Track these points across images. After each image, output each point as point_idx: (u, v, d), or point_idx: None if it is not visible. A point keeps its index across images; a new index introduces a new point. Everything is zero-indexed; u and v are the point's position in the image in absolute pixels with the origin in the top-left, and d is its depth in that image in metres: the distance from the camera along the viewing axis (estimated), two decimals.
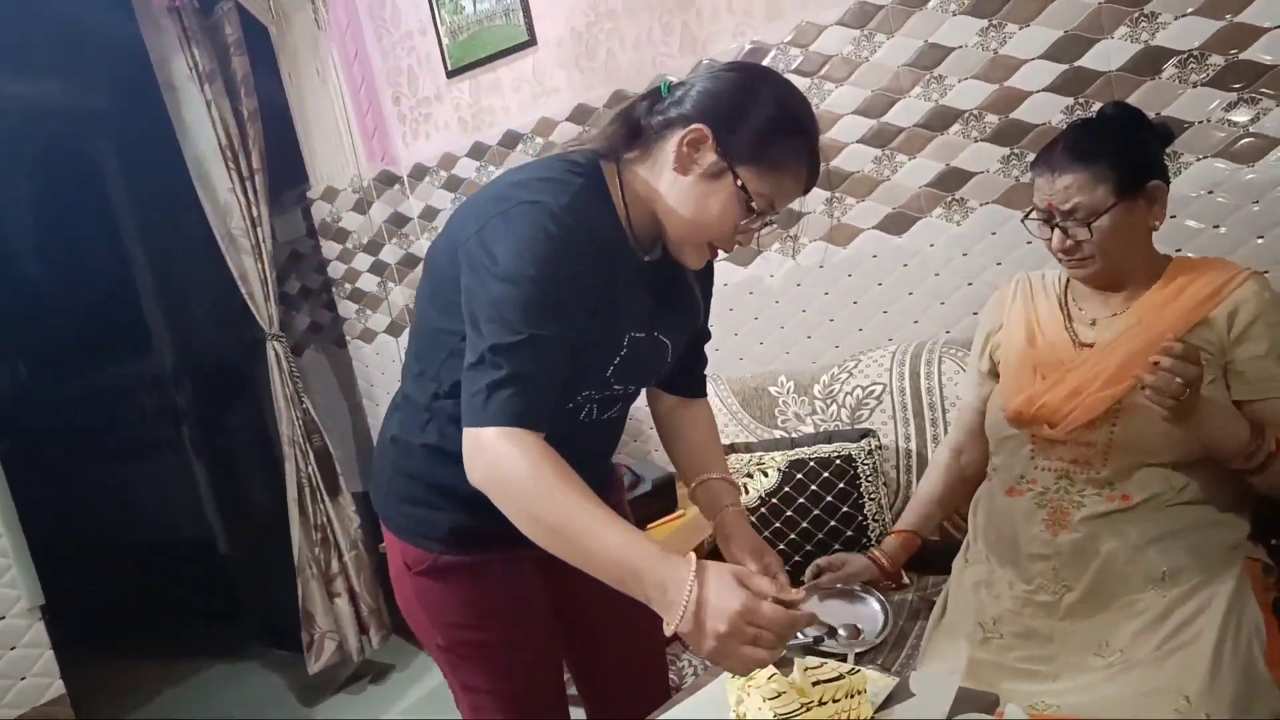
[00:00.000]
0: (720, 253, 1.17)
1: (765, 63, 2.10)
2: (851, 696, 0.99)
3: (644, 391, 1.36)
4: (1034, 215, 1.41)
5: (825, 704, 0.97)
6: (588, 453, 1.25)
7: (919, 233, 2.02)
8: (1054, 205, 1.36)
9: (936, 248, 2.01)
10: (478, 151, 2.60)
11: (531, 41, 2.42)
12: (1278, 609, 1.35)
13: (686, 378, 1.40)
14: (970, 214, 1.95)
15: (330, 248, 2.93)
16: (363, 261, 2.87)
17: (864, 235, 2.09)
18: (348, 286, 2.93)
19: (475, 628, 1.26)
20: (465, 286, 1.06)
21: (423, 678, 2.86)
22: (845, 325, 2.16)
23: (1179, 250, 1.69)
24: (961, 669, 1.24)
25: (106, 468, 3.73)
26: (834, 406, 1.98)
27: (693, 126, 1.07)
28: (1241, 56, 1.63)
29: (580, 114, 2.40)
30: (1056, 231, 1.38)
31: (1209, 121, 1.68)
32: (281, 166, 2.87)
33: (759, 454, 1.93)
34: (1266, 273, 1.54)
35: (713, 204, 1.08)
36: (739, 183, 1.06)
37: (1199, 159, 1.70)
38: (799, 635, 1.48)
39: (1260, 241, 1.68)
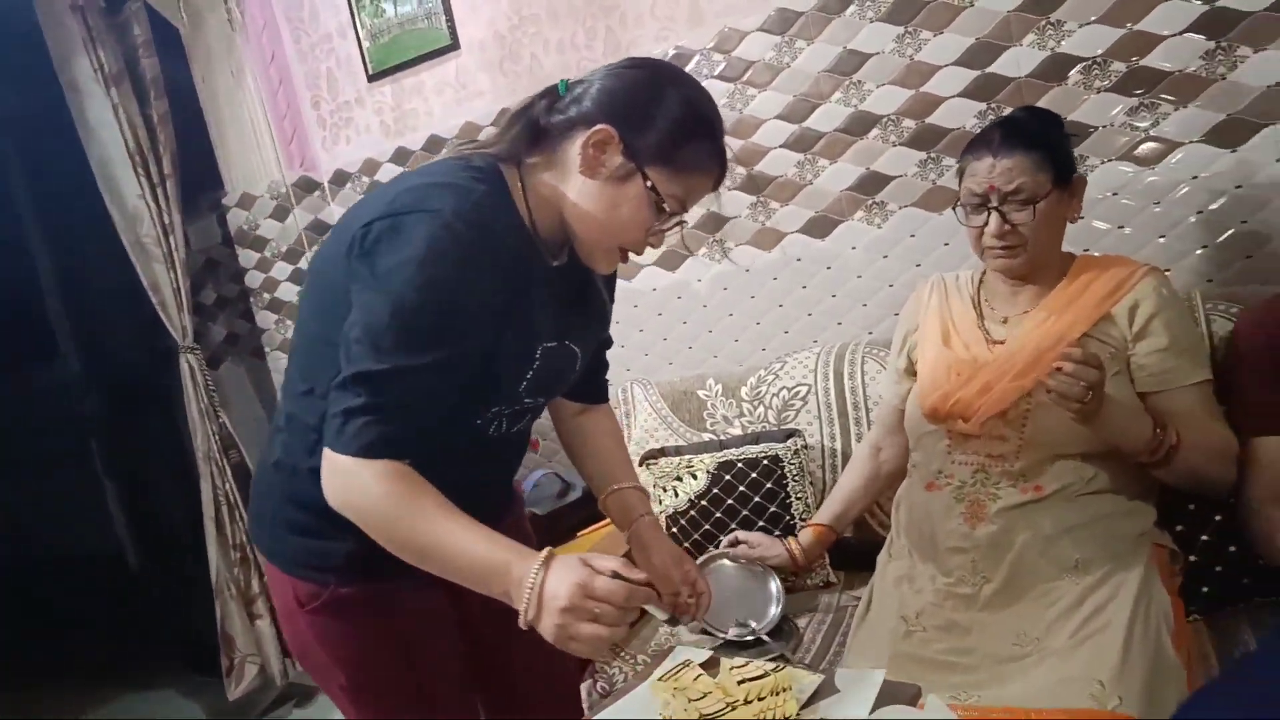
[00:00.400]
0: (631, 255, 1.13)
1: (689, 68, 2.11)
2: (777, 694, 0.99)
3: None
4: (968, 201, 1.43)
5: (750, 702, 0.97)
6: (493, 472, 1.22)
7: (841, 236, 2.05)
8: (996, 186, 1.38)
9: (858, 250, 2.04)
10: (401, 156, 2.55)
11: (454, 45, 2.39)
12: (1183, 594, 1.40)
13: (590, 385, 1.38)
14: (890, 217, 1.99)
15: (247, 256, 2.84)
16: (282, 270, 2.79)
17: (788, 239, 2.11)
18: (266, 296, 2.83)
19: (380, 664, 1.18)
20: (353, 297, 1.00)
21: None
22: (771, 328, 2.18)
23: (1086, 250, 1.75)
24: (885, 663, 1.25)
25: (8, 481, 3.54)
26: (761, 408, 1.99)
27: (597, 128, 1.03)
28: (1141, 63, 1.70)
29: (505, 118, 2.37)
30: (994, 216, 1.39)
31: (1112, 126, 1.75)
32: (195, 172, 2.77)
33: (688, 457, 1.93)
34: (1168, 270, 1.60)
35: (623, 207, 1.05)
36: (649, 184, 1.04)
37: (1103, 162, 1.76)
38: (717, 634, 1.49)
39: (1161, 241, 1.75)
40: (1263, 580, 1.43)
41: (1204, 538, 1.46)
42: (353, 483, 0.98)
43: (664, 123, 1.03)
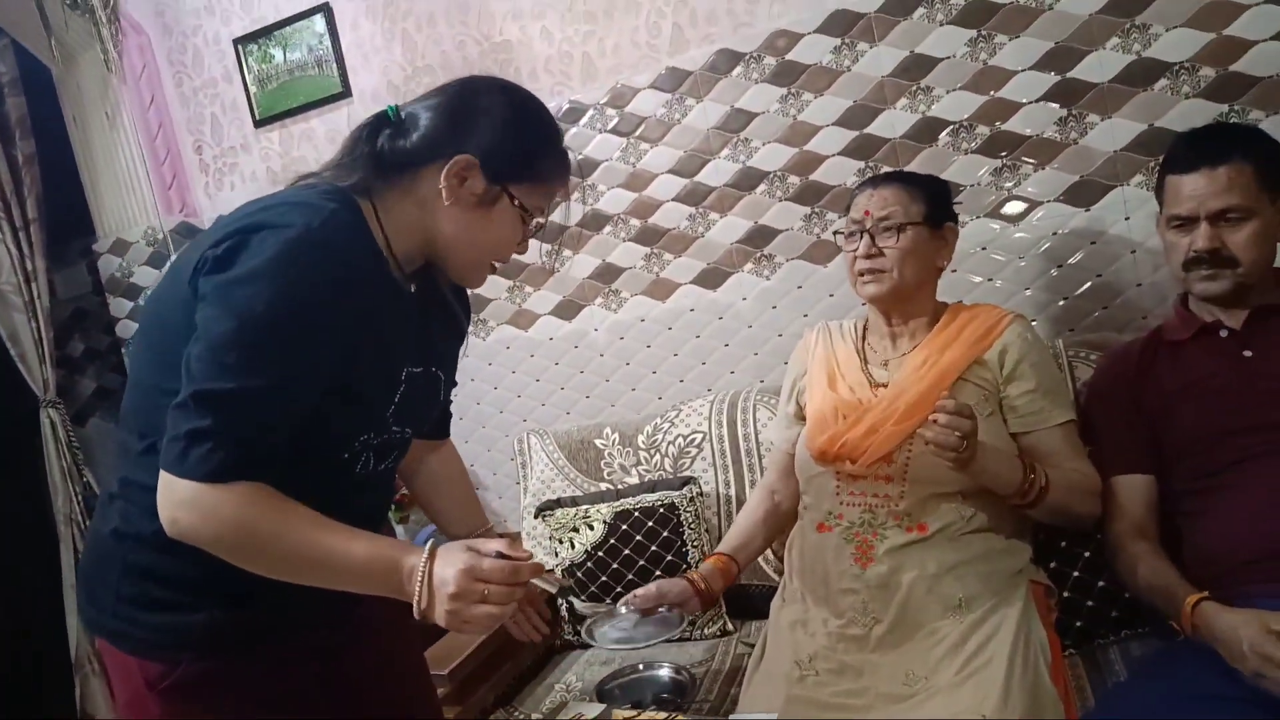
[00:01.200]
0: (506, 262, 1.15)
1: (582, 123, 2.15)
2: None
3: None
4: (847, 230, 1.55)
5: None
6: (363, 513, 1.13)
7: (732, 287, 2.10)
8: (870, 212, 1.51)
9: (748, 301, 2.09)
10: None
11: (346, 93, 2.36)
12: (1059, 627, 1.46)
13: (441, 418, 1.36)
14: (778, 269, 2.05)
15: (120, 305, 2.69)
16: None
17: (681, 289, 2.15)
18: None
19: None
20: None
21: None
22: (667, 376, 2.20)
23: (959, 301, 1.84)
24: (779, 707, 1.25)
25: None
26: (657, 456, 2.00)
27: (456, 159, 1.03)
28: (1004, 127, 1.83)
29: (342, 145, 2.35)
30: (865, 238, 1.51)
31: (979, 185, 1.86)
32: (64, 217, 2.63)
33: (584, 507, 1.91)
34: (1034, 320, 1.71)
35: (492, 227, 1.08)
36: (516, 202, 1.07)
37: (974, 218, 1.87)
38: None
39: (1028, 293, 1.87)
40: (1130, 613, 1.51)
41: (1075, 574, 1.53)
42: (203, 510, 0.91)
43: (518, 139, 1.07)
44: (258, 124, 2.46)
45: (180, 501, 0.92)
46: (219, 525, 0.92)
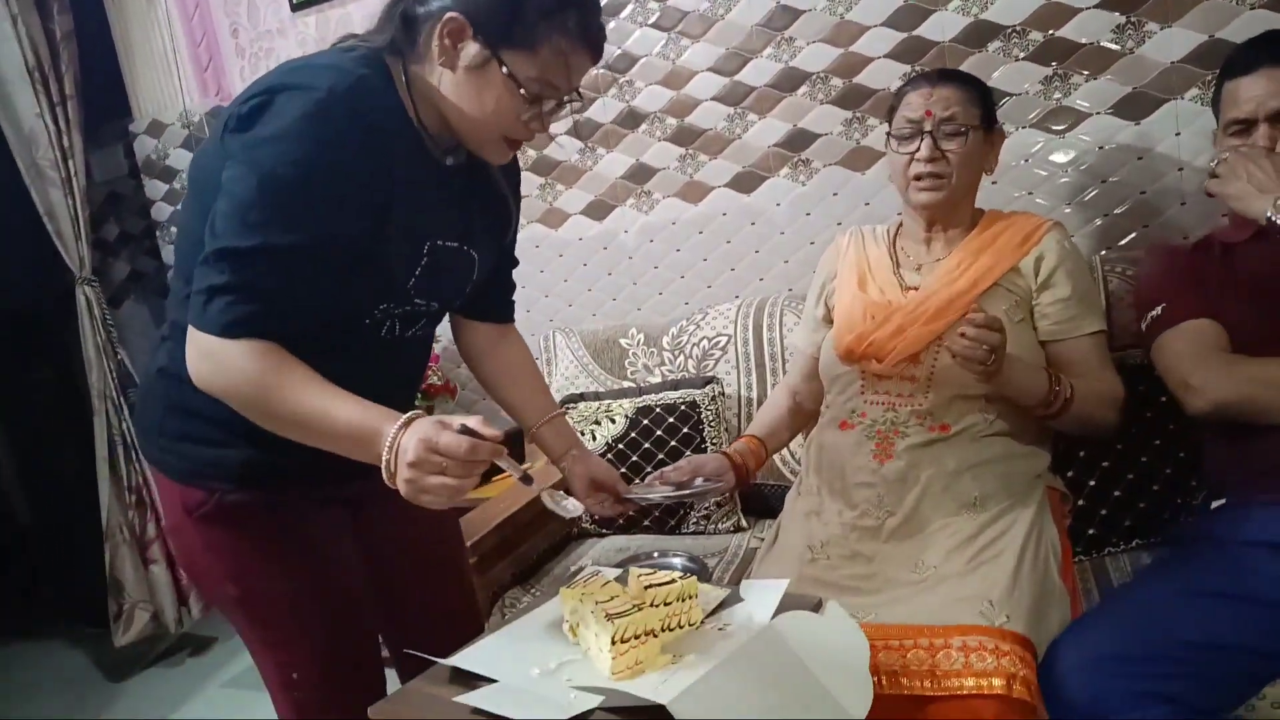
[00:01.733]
0: (523, 141, 1.09)
1: (623, 15, 2.10)
2: (683, 600, 1.00)
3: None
4: (901, 130, 1.49)
5: (657, 606, 0.98)
6: (391, 379, 1.17)
7: (766, 191, 2.08)
8: (932, 112, 1.45)
9: (782, 207, 2.07)
10: None
11: None
12: (1072, 534, 1.48)
13: (495, 302, 1.34)
14: (814, 175, 2.03)
15: (155, 187, 2.71)
16: None
17: (715, 193, 2.13)
18: (174, 231, 2.71)
19: (272, 575, 1.13)
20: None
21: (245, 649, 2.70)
22: (695, 282, 2.20)
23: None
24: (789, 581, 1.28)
25: None
26: (681, 357, 2.01)
27: (447, 16, 0.98)
28: (1057, 34, 1.77)
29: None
30: (926, 140, 1.45)
31: (1027, 94, 1.82)
32: (100, 97, 2.63)
33: (606, 402, 1.94)
34: (1073, 237, 1.67)
35: (486, 97, 1.01)
36: (505, 71, 1.00)
37: (1018, 128, 1.83)
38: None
39: (1068, 210, 1.83)
40: (1142, 522, 1.52)
41: (1091, 482, 1.54)
42: (218, 361, 0.95)
43: (516, 3, 0.98)
44: (294, 8, 2.43)
45: (200, 352, 0.96)
46: (231, 377, 0.96)
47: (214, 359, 0.95)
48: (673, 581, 1.01)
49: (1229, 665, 1.10)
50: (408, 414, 0.94)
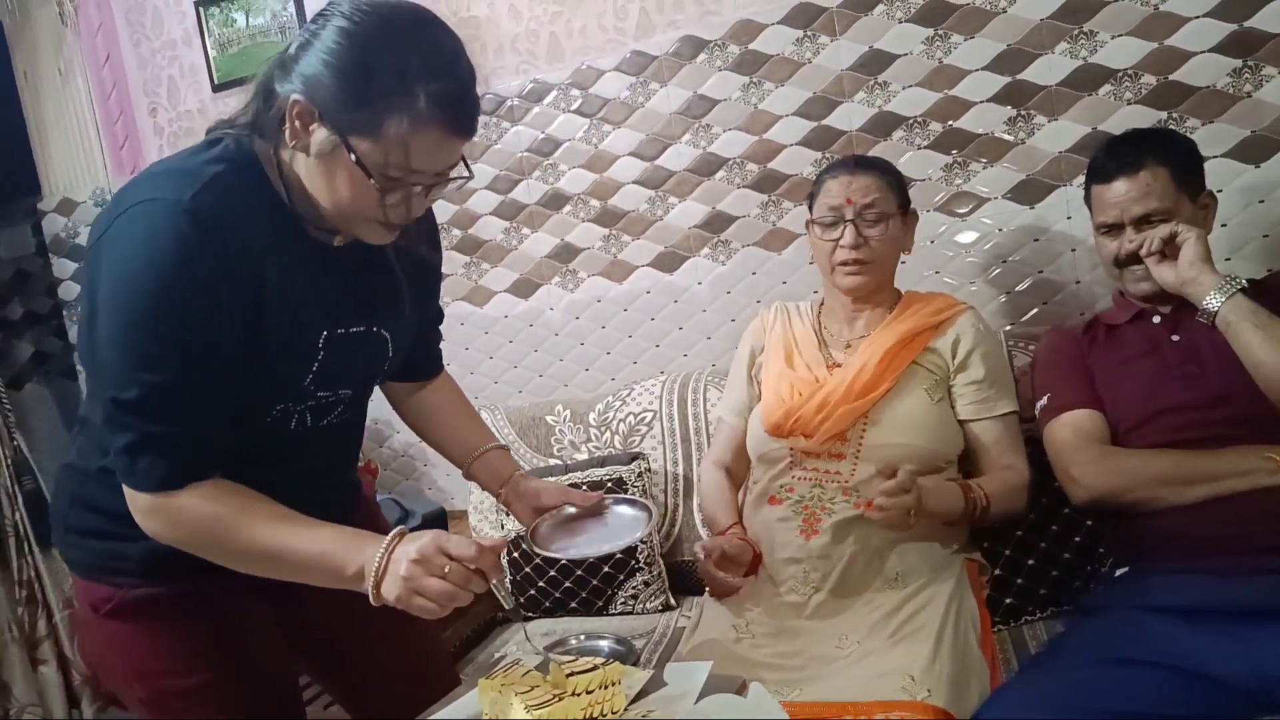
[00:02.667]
0: (401, 223, 1.00)
1: (547, 102, 2.16)
2: (605, 688, 0.98)
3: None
4: (823, 218, 1.54)
5: (579, 695, 0.96)
6: (314, 464, 1.14)
7: (688, 270, 2.13)
8: (853, 200, 1.51)
9: (703, 285, 2.12)
10: None
11: None
12: (990, 603, 1.51)
13: (421, 362, 1.29)
14: (733, 254, 2.09)
15: (64, 266, 2.63)
16: None
17: (638, 272, 2.17)
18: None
19: (181, 673, 1.09)
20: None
21: None
22: (621, 358, 2.22)
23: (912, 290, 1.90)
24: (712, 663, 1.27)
25: None
26: (608, 433, 2.01)
27: (293, 99, 0.91)
28: (955, 125, 1.88)
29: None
30: (849, 228, 1.51)
31: (931, 180, 1.92)
32: (8, 173, 2.56)
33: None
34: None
35: (339, 184, 0.94)
36: (353, 157, 0.91)
37: (926, 212, 1.92)
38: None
39: (973, 288, 1.92)
40: (1056, 591, 1.56)
41: (1007, 552, 1.58)
42: (169, 516, 0.95)
43: (352, 84, 0.89)
44: (216, 88, 2.43)
45: (143, 510, 0.95)
46: (182, 529, 0.96)
47: (163, 514, 0.95)
48: (595, 668, 0.99)
49: None
50: (395, 529, 0.95)
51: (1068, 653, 1.26)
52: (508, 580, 1.86)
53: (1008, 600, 1.57)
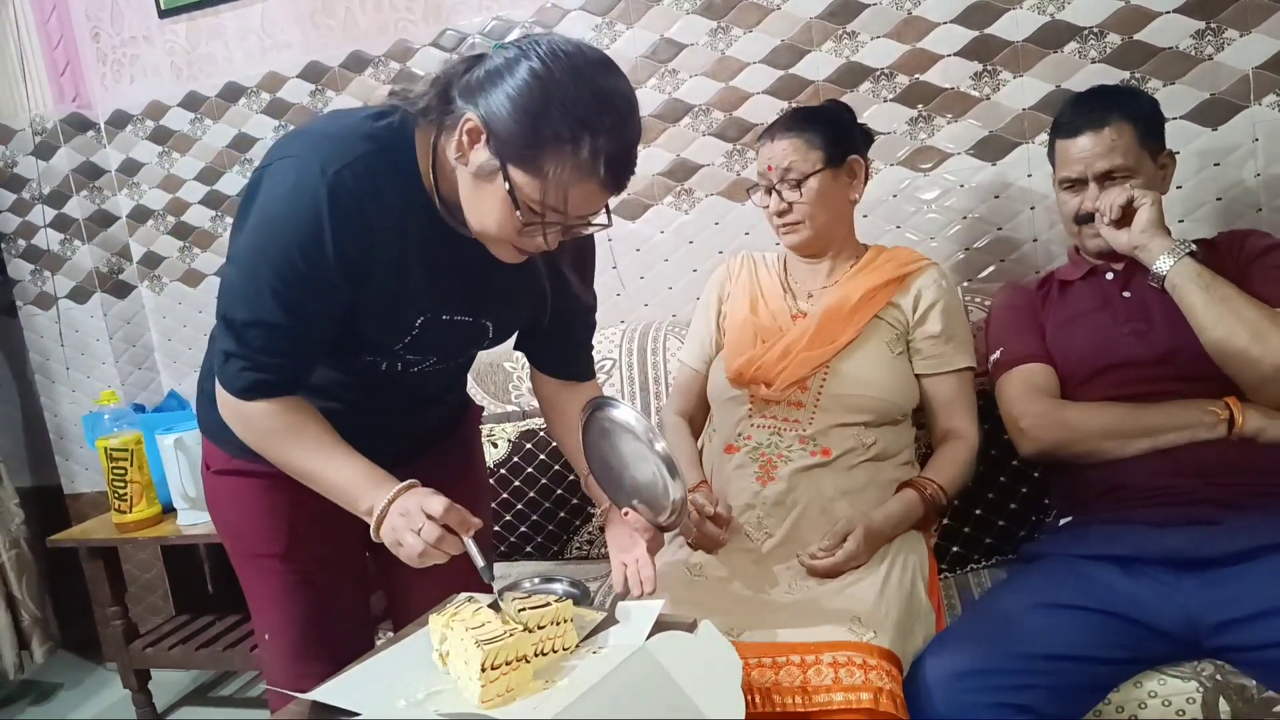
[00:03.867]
0: (533, 251, 1.04)
1: (508, 39, 2.09)
2: (557, 624, 0.99)
3: None
4: (756, 186, 1.55)
5: (531, 630, 0.96)
6: (410, 395, 1.23)
7: (651, 219, 2.11)
8: (771, 167, 1.52)
9: (666, 234, 2.10)
10: (193, 102, 2.37)
11: None
12: (937, 551, 1.54)
13: (564, 362, 1.32)
14: (697, 204, 2.07)
15: (2, 197, 2.52)
16: (43, 214, 2.49)
17: None
18: (21, 243, 2.52)
19: (258, 536, 1.24)
20: None
21: (98, 693, 2.50)
22: None
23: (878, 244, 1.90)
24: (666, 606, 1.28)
25: None
26: None
27: (467, 117, 0.96)
28: (922, 78, 1.88)
29: (313, 71, 2.26)
30: (773, 195, 1.52)
31: (895, 133, 1.91)
32: None
33: (490, 426, 1.90)
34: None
35: (486, 205, 0.99)
36: (508, 186, 0.96)
37: (889, 165, 1.92)
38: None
39: (934, 243, 1.93)
40: (1001, 540, 1.61)
41: (955, 502, 1.61)
42: (240, 417, 1.08)
43: (528, 121, 0.93)
44: (163, 14, 2.33)
45: (224, 405, 1.10)
46: (245, 432, 1.10)
47: (236, 415, 1.09)
48: (547, 605, 0.99)
49: (1076, 674, 1.17)
50: (407, 481, 1.06)
51: (1008, 598, 1.30)
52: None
53: (955, 548, 1.61)
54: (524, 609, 0.98)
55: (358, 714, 0.91)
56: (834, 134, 1.53)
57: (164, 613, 2.49)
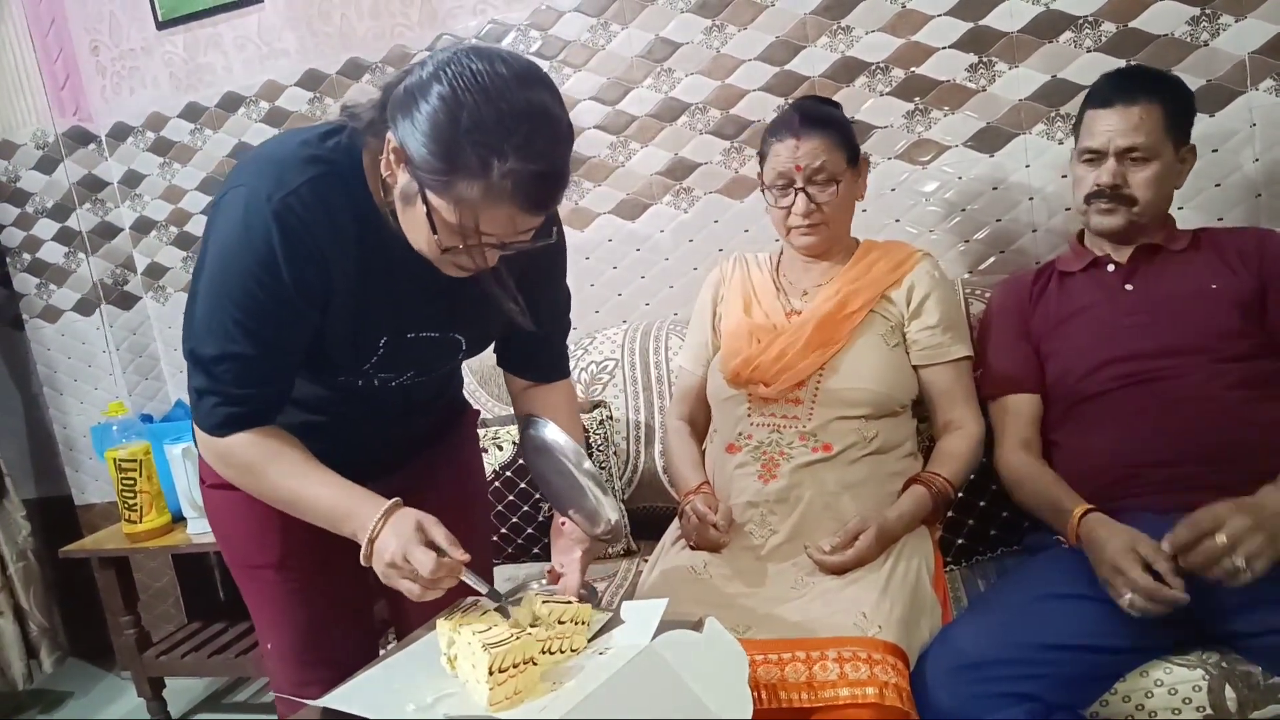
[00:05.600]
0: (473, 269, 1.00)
1: (505, 43, 2.11)
2: (576, 623, 1.02)
3: None
4: (774, 183, 1.52)
5: (551, 625, 0.99)
6: (394, 407, 1.21)
7: (650, 219, 2.11)
8: (801, 167, 1.48)
9: (666, 233, 2.11)
10: (192, 113, 2.38)
11: None
12: (943, 544, 1.55)
13: (534, 365, 1.30)
14: (696, 202, 2.07)
15: (5, 211, 2.53)
16: (46, 228, 2.51)
17: (600, 219, 2.15)
18: (26, 257, 2.54)
19: (257, 549, 1.24)
20: None
21: (111, 701, 2.52)
22: (583, 307, 2.21)
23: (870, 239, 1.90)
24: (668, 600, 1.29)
25: None
26: None
27: (389, 137, 0.94)
28: (917, 71, 1.88)
29: (311, 80, 2.27)
30: (800, 196, 1.49)
31: (892, 127, 1.91)
32: None
33: (494, 429, 1.91)
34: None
35: (412, 224, 0.97)
36: (425, 209, 0.93)
37: (886, 159, 1.92)
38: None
39: (933, 236, 1.93)
40: (1006, 532, 1.61)
41: (959, 495, 1.61)
42: (217, 454, 1.08)
43: (437, 149, 0.89)
44: (160, 25, 2.34)
45: (201, 443, 1.11)
46: (223, 468, 1.10)
47: (213, 451, 1.09)
48: (570, 602, 1.02)
49: (1082, 663, 1.17)
50: (388, 504, 1.02)
51: (1013, 589, 1.30)
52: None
53: (959, 541, 1.61)
54: (548, 601, 1.00)
55: (368, 719, 0.92)
56: (849, 132, 1.54)
57: (176, 620, 2.51)
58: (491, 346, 1.29)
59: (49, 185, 2.46)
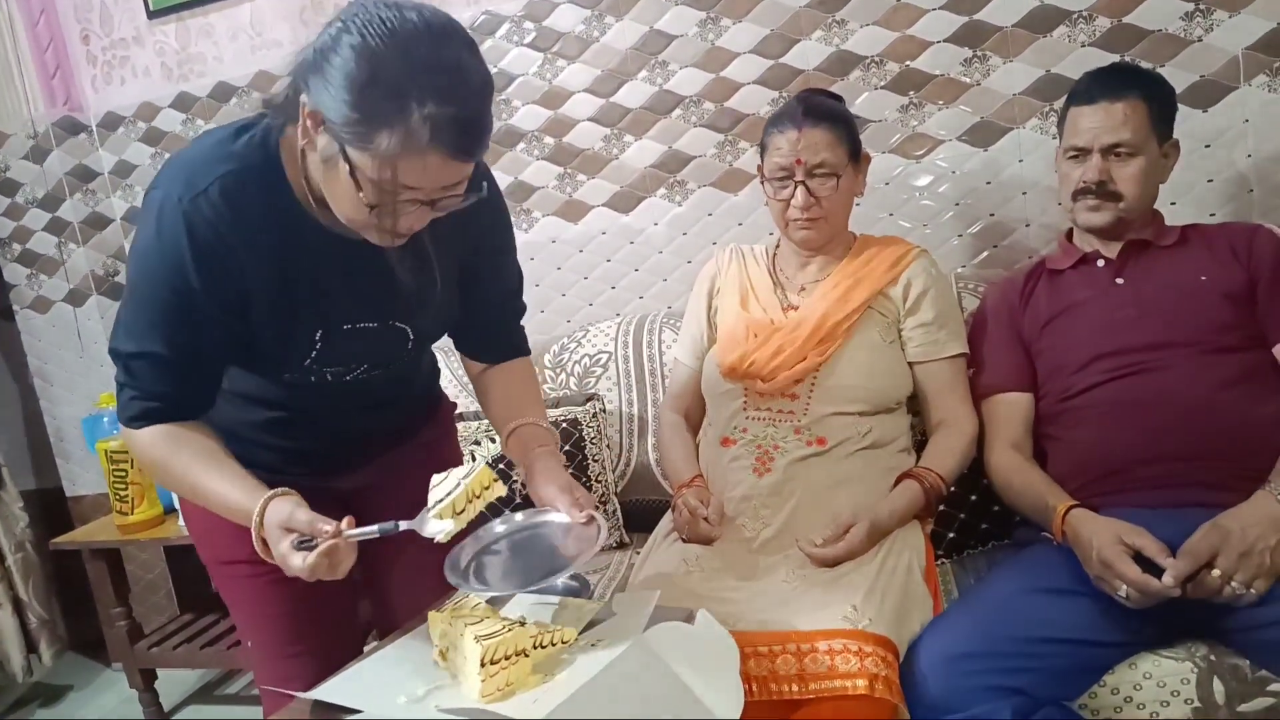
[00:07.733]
0: (403, 232, 0.98)
1: (499, 35, 2.10)
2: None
3: None
4: (774, 175, 1.51)
5: (527, 624, 0.97)
6: (356, 401, 1.19)
7: (644, 211, 2.11)
8: (802, 160, 1.47)
9: (660, 226, 2.11)
10: (184, 103, 2.37)
11: None
12: (934, 538, 1.55)
13: (490, 345, 1.29)
14: (690, 195, 2.07)
15: None
16: (37, 218, 2.50)
17: (594, 212, 2.15)
18: (17, 247, 2.53)
19: (229, 545, 1.20)
20: None
21: (105, 694, 2.52)
22: (577, 300, 2.21)
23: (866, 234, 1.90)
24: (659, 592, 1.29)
25: None
26: (562, 375, 2.01)
27: (303, 100, 0.91)
28: (912, 65, 1.87)
29: None
30: (800, 189, 1.48)
31: (886, 121, 1.91)
32: None
33: (486, 421, 1.91)
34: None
35: (337, 188, 0.94)
36: (348, 167, 0.90)
37: (881, 153, 1.92)
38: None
39: (927, 230, 1.94)
40: (997, 526, 1.61)
41: (951, 489, 1.61)
42: (131, 443, 1.09)
43: (353, 100, 0.87)
44: (151, 15, 2.32)
45: (123, 434, 1.10)
46: (138, 458, 1.10)
47: (130, 442, 1.09)
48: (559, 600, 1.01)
49: (1071, 656, 1.18)
50: (267, 496, 1.00)
51: (1003, 583, 1.31)
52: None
53: (951, 534, 1.62)
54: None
55: (359, 711, 0.92)
56: (852, 127, 1.53)
57: (168, 612, 2.51)
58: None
59: (39, 175, 2.45)
